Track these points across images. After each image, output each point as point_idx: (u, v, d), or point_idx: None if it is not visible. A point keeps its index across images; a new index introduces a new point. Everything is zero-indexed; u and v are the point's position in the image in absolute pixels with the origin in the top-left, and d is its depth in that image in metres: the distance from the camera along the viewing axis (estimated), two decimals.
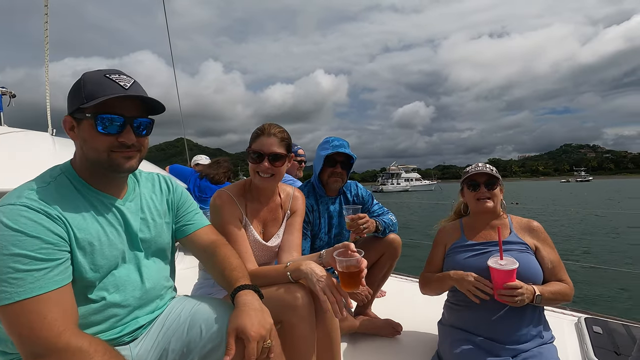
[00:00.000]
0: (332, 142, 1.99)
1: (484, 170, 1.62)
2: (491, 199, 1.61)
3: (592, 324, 2.01)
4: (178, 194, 1.30)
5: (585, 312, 2.27)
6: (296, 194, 1.75)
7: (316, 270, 1.23)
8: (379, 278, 2.14)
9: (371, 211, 2.16)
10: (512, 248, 1.56)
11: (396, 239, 2.06)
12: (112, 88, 0.95)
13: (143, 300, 1.10)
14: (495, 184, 1.62)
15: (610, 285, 6.71)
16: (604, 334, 1.90)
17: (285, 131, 1.57)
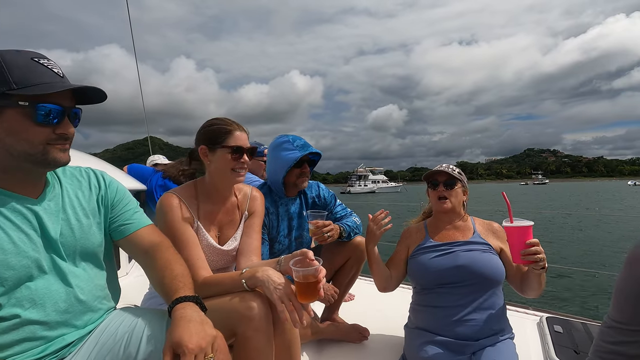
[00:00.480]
0: (295, 142, 1.89)
1: (444, 170, 1.63)
2: (449, 199, 1.61)
3: (554, 323, 2.05)
4: (112, 190, 1.17)
5: (547, 311, 2.31)
6: (254, 194, 1.66)
7: (273, 277, 1.15)
8: (345, 283, 2.08)
9: (334, 212, 2.09)
10: (475, 248, 1.56)
11: (362, 242, 1.99)
12: (47, 75, 0.87)
13: (70, 314, 0.97)
14: (455, 184, 1.62)
15: (569, 284, 6.97)
16: (564, 332, 1.94)
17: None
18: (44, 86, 0.85)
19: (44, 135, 0.89)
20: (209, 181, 1.51)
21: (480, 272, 1.49)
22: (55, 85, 0.87)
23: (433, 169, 1.69)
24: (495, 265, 1.51)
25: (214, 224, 1.52)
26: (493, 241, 1.61)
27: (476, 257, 1.52)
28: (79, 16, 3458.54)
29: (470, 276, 1.50)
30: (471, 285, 1.50)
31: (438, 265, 1.55)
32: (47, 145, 0.90)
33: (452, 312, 1.50)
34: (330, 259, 2.02)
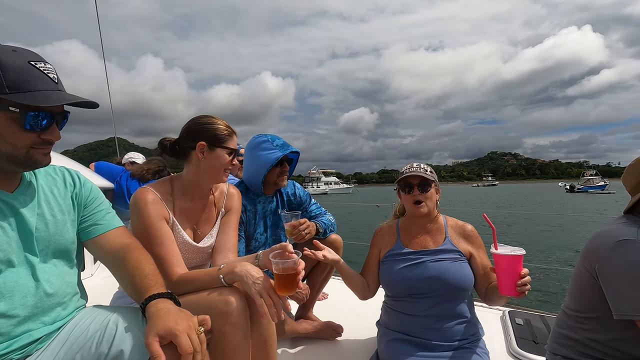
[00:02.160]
0: (275, 142, 1.90)
1: (417, 173, 1.56)
2: (425, 203, 1.56)
3: (515, 316, 2.16)
4: (87, 189, 1.14)
5: (508, 306, 2.44)
6: (231, 191, 1.65)
7: (252, 272, 1.15)
8: (320, 280, 2.10)
9: (309, 211, 2.11)
10: (445, 257, 1.54)
11: (337, 239, 2.03)
12: (42, 81, 0.87)
13: (38, 309, 0.94)
14: (429, 185, 1.57)
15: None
16: (524, 325, 2.05)
17: None
18: (38, 94, 0.84)
19: (29, 140, 0.88)
20: (190, 178, 1.48)
21: (449, 283, 1.49)
22: (50, 96, 0.86)
23: (404, 169, 1.63)
24: (464, 276, 1.51)
25: (190, 221, 1.50)
26: (464, 246, 1.59)
27: (445, 267, 1.51)
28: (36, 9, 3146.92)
29: (439, 287, 1.50)
30: (440, 295, 1.51)
31: (406, 276, 1.54)
32: (31, 149, 0.90)
33: (422, 321, 1.51)
34: (305, 257, 1.99)
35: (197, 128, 1.45)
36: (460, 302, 1.53)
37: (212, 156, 1.44)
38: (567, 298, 1.37)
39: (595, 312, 1.21)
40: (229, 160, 1.47)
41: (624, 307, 1.10)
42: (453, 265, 1.51)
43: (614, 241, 1.15)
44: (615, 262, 1.14)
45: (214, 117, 1.50)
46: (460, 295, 1.52)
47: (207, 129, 1.44)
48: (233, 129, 1.50)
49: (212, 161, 1.44)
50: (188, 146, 1.45)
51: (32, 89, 0.84)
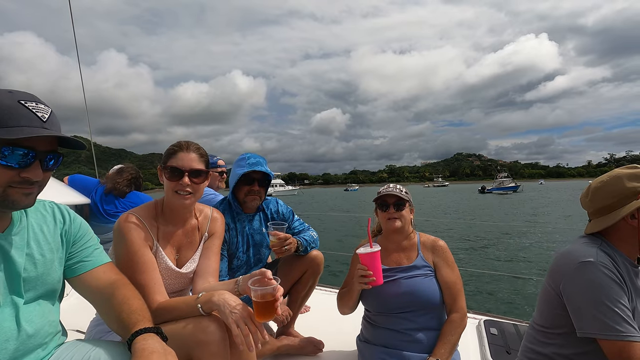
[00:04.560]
0: (249, 160, 1.90)
1: (393, 192, 1.65)
2: (399, 219, 1.66)
3: (490, 325, 2.22)
4: (76, 225, 1.11)
5: (484, 314, 2.50)
6: (215, 215, 1.63)
7: (229, 300, 1.14)
8: (301, 296, 2.10)
9: (292, 227, 2.11)
10: (417, 274, 1.62)
11: (318, 255, 2.05)
12: (26, 118, 0.84)
13: (19, 353, 0.90)
14: (404, 205, 1.66)
15: (500, 288, 7.53)
16: (498, 334, 2.11)
17: (203, 148, 1.48)
18: (14, 129, 0.81)
19: (5, 178, 0.85)
20: (166, 202, 1.47)
21: (422, 299, 1.57)
22: (26, 130, 0.82)
23: (381, 190, 1.72)
24: (432, 291, 1.59)
25: (173, 246, 1.48)
26: (431, 258, 1.67)
27: (418, 283, 1.59)
28: None
29: (413, 303, 1.58)
30: (415, 310, 1.58)
31: (381, 293, 1.60)
32: (8, 188, 0.87)
33: (400, 335, 1.57)
34: (287, 272, 2.04)
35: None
36: (437, 315, 1.60)
37: (164, 179, 1.42)
38: (535, 313, 1.43)
39: (561, 329, 1.28)
40: (170, 180, 1.39)
41: (585, 325, 1.16)
42: (424, 280, 1.60)
43: (576, 262, 1.21)
44: (577, 282, 1.20)
45: (182, 140, 1.48)
46: (434, 309, 1.59)
47: (165, 152, 1.45)
48: (188, 146, 1.43)
49: (164, 184, 1.42)
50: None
51: (13, 125, 0.81)
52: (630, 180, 1.25)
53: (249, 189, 1.91)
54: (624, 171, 1.30)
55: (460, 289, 1.61)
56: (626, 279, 1.20)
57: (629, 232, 1.25)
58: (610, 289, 1.14)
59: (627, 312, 1.13)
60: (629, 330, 1.10)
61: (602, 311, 1.13)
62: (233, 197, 1.94)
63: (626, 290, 1.17)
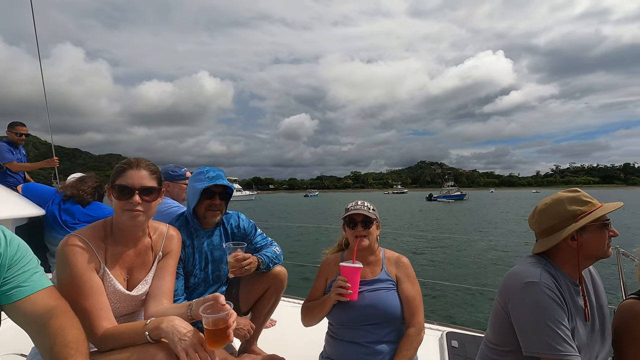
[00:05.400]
0: (208, 174, 1.83)
1: (360, 211, 1.66)
2: (367, 237, 1.67)
3: (451, 338, 2.25)
4: (13, 248, 1.03)
5: (448, 325, 2.52)
6: (171, 233, 1.54)
7: (179, 327, 1.10)
8: (264, 312, 2.06)
9: (254, 242, 2.05)
10: (380, 287, 1.65)
11: (282, 272, 2.02)
12: None
13: None
14: (371, 223, 1.67)
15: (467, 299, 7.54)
16: (459, 347, 2.13)
17: (155, 165, 1.42)
18: None
19: None
20: (115, 221, 1.38)
21: (384, 311, 1.59)
22: None
23: (349, 206, 1.73)
24: (394, 304, 1.62)
25: (123, 268, 1.38)
26: (394, 273, 1.71)
27: (381, 297, 1.61)
28: None
29: (375, 315, 1.60)
30: (378, 323, 1.60)
31: (345, 305, 1.61)
32: None
33: (362, 348, 1.59)
34: (250, 288, 2.02)
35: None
36: (395, 328, 1.63)
37: (112, 197, 1.34)
38: (487, 330, 1.47)
39: (510, 346, 1.31)
40: (119, 199, 1.32)
41: (530, 344, 1.20)
42: (387, 293, 1.63)
43: (522, 283, 1.25)
44: (522, 303, 1.24)
45: (132, 157, 1.41)
46: (395, 322, 1.62)
47: (114, 169, 1.38)
48: (139, 163, 1.37)
49: (113, 203, 1.34)
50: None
51: None
52: (570, 203, 1.31)
53: (210, 203, 1.84)
54: (565, 194, 1.36)
55: (419, 304, 1.63)
56: (567, 299, 1.25)
57: (570, 253, 1.30)
58: (552, 310, 1.18)
59: (566, 332, 1.18)
60: (568, 350, 1.15)
61: (544, 332, 1.18)
62: (192, 212, 1.86)
63: (566, 310, 1.22)
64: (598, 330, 1.33)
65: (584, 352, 1.26)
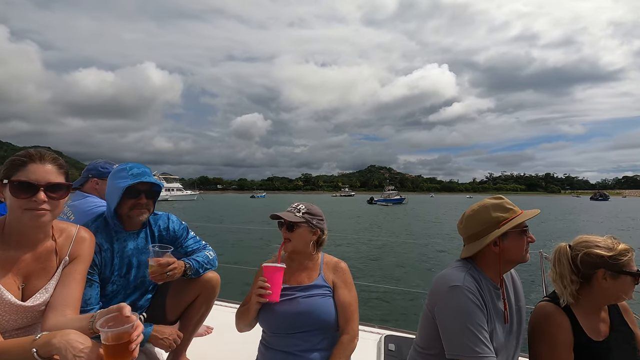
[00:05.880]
0: (131, 170, 1.70)
1: (282, 214, 1.64)
2: (291, 240, 1.63)
3: (389, 341, 2.23)
4: None
5: (387, 328, 2.51)
6: (82, 235, 1.40)
7: (74, 342, 0.99)
8: (194, 321, 1.93)
9: (184, 246, 1.92)
10: (316, 293, 1.60)
11: (214, 277, 1.91)
12: None
13: None
14: (297, 226, 1.62)
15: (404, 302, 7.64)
16: (395, 350, 2.12)
17: (61, 158, 1.26)
18: None
19: None
20: (9, 221, 1.22)
21: (318, 318, 1.55)
22: None
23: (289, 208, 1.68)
24: (329, 311, 1.58)
25: (17, 275, 1.23)
26: (331, 278, 1.67)
27: (315, 303, 1.57)
28: None
29: (309, 323, 1.55)
30: (311, 330, 1.55)
31: (279, 311, 1.56)
32: None
33: (293, 357, 1.53)
34: (178, 295, 1.89)
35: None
36: (329, 335, 1.58)
37: (7, 195, 1.18)
38: (417, 334, 1.51)
39: (436, 349, 1.35)
40: (18, 197, 1.16)
41: (452, 348, 1.25)
42: (322, 300, 1.58)
43: (447, 286, 1.30)
44: (446, 306, 1.29)
45: (31, 148, 1.24)
46: (329, 329, 1.58)
47: (5, 163, 1.20)
48: (42, 156, 1.21)
49: (9, 201, 1.18)
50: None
51: None
52: (494, 210, 1.38)
53: (135, 202, 1.69)
54: (490, 201, 1.41)
55: (354, 311, 1.61)
56: (487, 302, 1.31)
57: (493, 258, 1.37)
58: (473, 314, 1.24)
59: (485, 334, 1.24)
60: (485, 351, 1.21)
61: (465, 335, 1.23)
62: (114, 213, 1.71)
63: (486, 313, 1.28)
64: (515, 330, 1.41)
65: (502, 352, 1.34)
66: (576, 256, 1.38)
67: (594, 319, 1.39)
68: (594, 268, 1.34)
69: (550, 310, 1.39)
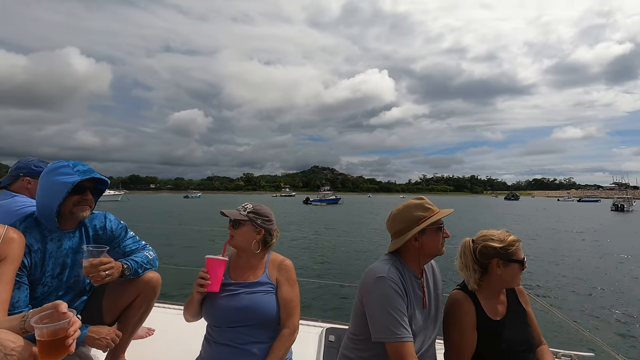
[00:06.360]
0: (77, 167, 1.65)
1: (225, 211, 1.70)
2: (235, 237, 1.67)
3: (329, 333, 2.36)
4: None
5: (329, 322, 2.63)
6: (10, 236, 1.37)
7: (4, 341, 0.98)
8: (132, 322, 1.88)
9: (123, 246, 1.87)
10: (259, 290, 1.66)
11: (154, 278, 1.87)
12: None
13: None
14: (241, 224, 1.67)
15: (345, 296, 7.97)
16: (335, 341, 2.25)
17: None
18: None
19: None
20: None
21: (259, 313, 1.60)
22: None
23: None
24: (270, 307, 1.63)
25: None
26: (275, 276, 1.71)
27: (257, 299, 1.62)
28: None
29: (250, 318, 1.60)
30: (252, 325, 1.61)
31: (223, 306, 1.61)
32: None
33: (235, 350, 1.58)
34: (116, 297, 1.83)
35: None
36: (271, 329, 1.65)
37: None
38: (350, 324, 1.64)
39: (364, 335, 1.49)
40: None
41: (377, 332, 1.41)
42: (265, 297, 1.64)
43: (374, 278, 1.45)
44: (372, 295, 1.44)
45: None
46: (270, 324, 1.64)
47: None
48: None
49: None
50: None
51: None
52: (416, 210, 1.55)
53: (80, 198, 1.66)
54: (413, 202, 1.59)
55: (295, 306, 1.68)
56: (409, 290, 1.49)
57: (414, 252, 1.55)
58: (395, 301, 1.41)
59: (405, 318, 1.41)
60: (403, 333, 1.38)
61: (387, 319, 1.39)
62: (56, 211, 1.62)
63: (406, 300, 1.46)
64: (433, 315, 1.60)
65: (420, 334, 1.52)
66: (476, 248, 1.60)
67: (494, 301, 1.60)
68: (489, 258, 1.56)
69: (459, 298, 1.60)
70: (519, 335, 1.57)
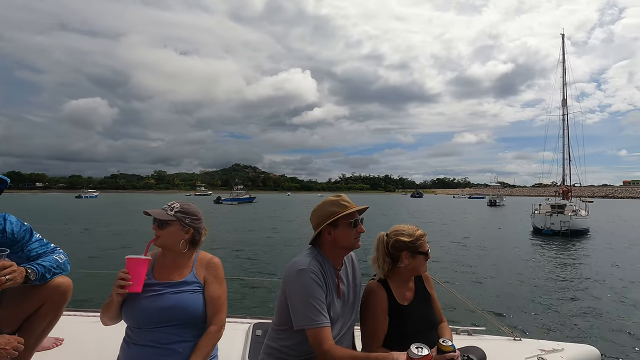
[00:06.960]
0: None
1: (149, 211, 1.67)
2: (160, 237, 1.65)
3: (257, 328, 2.35)
4: None
5: (257, 317, 2.66)
6: None
7: None
8: (38, 332, 1.75)
9: (27, 250, 1.74)
10: (185, 289, 1.64)
11: (64, 283, 1.77)
12: None
13: None
14: (167, 224, 1.65)
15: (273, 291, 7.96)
16: (261, 335, 2.25)
17: None
18: None
19: None
20: None
21: (185, 313, 1.59)
22: None
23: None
24: (196, 306, 1.63)
25: None
26: (203, 275, 1.71)
27: (183, 298, 1.61)
28: None
29: (176, 316, 1.58)
30: (178, 324, 1.59)
31: (145, 307, 1.58)
32: None
33: (158, 350, 1.55)
34: (17, 304, 1.70)
35: None
36: (199, 327, 1.65)
37: None
38: (274, 316, 1.73)
39: (287, 325, 1.59)
40: None
41: (298, 320, 1.52)
42: (191, 296, 1.64)
43: (295, 270, 1.54)
44: (294, 286, 1.54)
45: None
46: (197, 323, 1.64)
47: None
48: None
49: None
50: None
51: None
52: (331, 206, 1.68)
53: None
54: (331, 198, 1.72)
55: (222, 303, 1.69)
56: (328, 281, 1.61)
57: (330, 245, 1.66)
58: (314, 290, 1.53)
59: (323, 306, 1.52)
60: (321, 319, 1.50)
61: (307, 307, 1.51)
62: None
63: (325, 289, 1.59)
64: (351, 303, 1.75)
65: (339, 320, 1.66)
66: (389, 242, 1.77)
67: (404, 289, 1.77)
68: (400, 250, 1.72)
69: (373, 287, 1.76)
70: (424, 316, 1.76)
